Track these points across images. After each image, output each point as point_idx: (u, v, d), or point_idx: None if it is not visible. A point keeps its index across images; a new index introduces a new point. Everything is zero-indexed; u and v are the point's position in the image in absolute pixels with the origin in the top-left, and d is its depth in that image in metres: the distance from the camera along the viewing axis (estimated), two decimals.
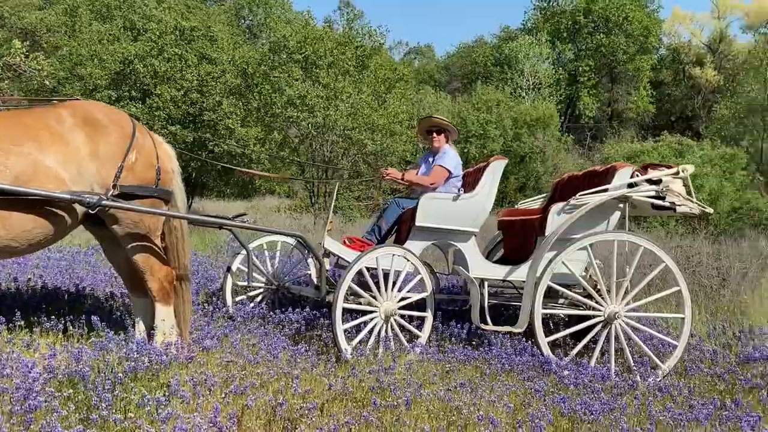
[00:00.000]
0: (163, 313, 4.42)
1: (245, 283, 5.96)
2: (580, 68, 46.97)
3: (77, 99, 4.36)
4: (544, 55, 44.72)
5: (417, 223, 5.17)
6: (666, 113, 51.46)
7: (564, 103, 45.28)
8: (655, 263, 6.08)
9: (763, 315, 6.95)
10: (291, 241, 6.27)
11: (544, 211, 5.89)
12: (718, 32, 52.36)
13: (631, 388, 4.16)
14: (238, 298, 5.97)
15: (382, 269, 4.87)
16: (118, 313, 5.07)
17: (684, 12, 53.89)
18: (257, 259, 5.99)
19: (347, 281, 4.69)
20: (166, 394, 3.39)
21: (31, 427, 3.03)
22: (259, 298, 6.12)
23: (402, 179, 5.80)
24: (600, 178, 5.49)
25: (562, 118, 40.27)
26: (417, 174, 6.01)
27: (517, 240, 5.77)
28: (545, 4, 50.30)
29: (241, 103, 17.90)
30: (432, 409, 3.63)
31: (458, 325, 5.29)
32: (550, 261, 4.92)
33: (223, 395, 3.59)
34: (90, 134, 4.01)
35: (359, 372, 4.01)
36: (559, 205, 5.20)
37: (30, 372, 3.42)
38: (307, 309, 5.49)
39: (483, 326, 4.96)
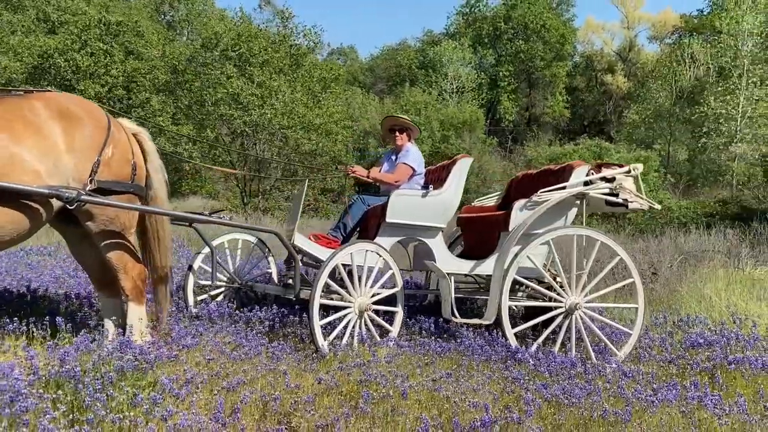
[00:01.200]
0: (138, 313, 4.32)
1: (206, 282, 5.87)
2: (501, 73, 48.38)
3: (49, 90, 4.17)
4: (467, 59, 45.78)
5: (387, 220, 5.25)
6: (580, 118, 53.81)
7: (485, 106, 46.49)
8: (603, 257, 6.44)
9: (694, 304, 7.45)
10: (252, 239, 6.22)
11: (506, 207, 6.12)
12: (628, 41, 55.29)
13: (600, 373, 4.40)
14: (199, 297, 5.86)
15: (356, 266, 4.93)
16: (80, 314, 4.89)
17: (597, 22, 56.48)
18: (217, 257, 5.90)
19: (323, 278, 4.71)
20: (159, 392, 3.33)
21: (23, 430, 2.92)
22: (220, 297, 6.03)
23: (367, 176, 5.87)
24: (555, 177, 5.74)
25: (486, 121, 41.37)
26: (380, 171, 6.10)
27: (478, 236, 5.95)
28: (467, 10, 51.46)
29: (171, 101, 17.42)
30: (421, 399, 3.73)
31: (426, 319, 5.41)
32: (516, 255, 5.12)
33: (215, 392, 3.55)
34: (66, 127, 3.87)
35: (346, 366, 4.06)
36: (522, 201, 5.42)
37: (11, 373, 3.28)
38: (275, 306, 5.45)
39: (454, 319, 5.09)
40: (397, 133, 6.04)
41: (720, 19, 34.65)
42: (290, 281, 5.57)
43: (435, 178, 6.01)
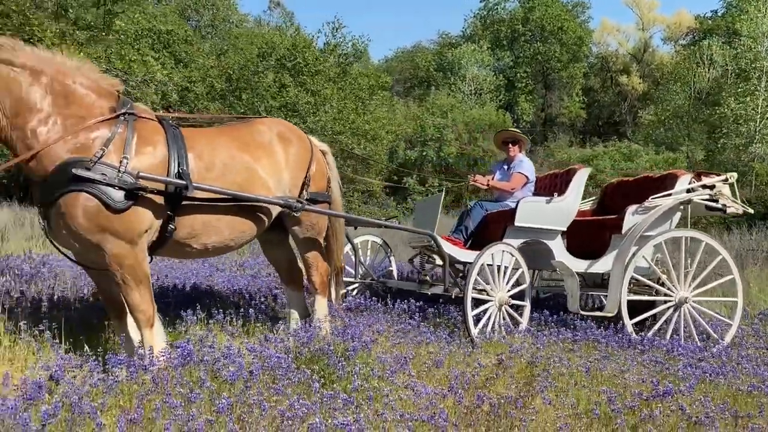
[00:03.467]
0: (324, 304, 5.03)
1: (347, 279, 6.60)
2: (518, 74, 49.03)
3: (265, 117, 4.89)
4: (486, 62, 46.42)
5: (516, 223, 5.92)
6: (595, 118, 54.39)
7: (503, 108, 47.14)
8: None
9: (764, 298, 8.13)
10: (378, 240, 6.95)
11: (604, 211, 6.80)
12: (643, 43, 55.84)
13: (728, 357, 5.07)
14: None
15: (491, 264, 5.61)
16: (263, 307, 5.60)
17: (612, 23, 57.00)
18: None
19: (474, 275, 5.40)
20: (382, 367, 4.02)
21: (304, 396, 3.61)
22: (354, 292, 6.74)
23: (487, 184, 6.55)
24: (657, 184, 6.43)
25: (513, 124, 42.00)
26: (493, 179, 6.77)
27: (586, 237, 6.57)
28: (485, 12, 52.07)
29: (226, 109, 18.18)
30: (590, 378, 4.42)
31: (547, 313, 6.11)
32: (633, 255, 5.81)
33: (423, 369, 4.25)
34: (284, 147, 4.58)
35: (514, 349, 4.75)
36: (633, 207, 6.09)
37: (269, 353, 3.99)
38: (412, 300, 6.14)
39: (580, 312, 5.79)
40: (510, 145, 6.73)
41: (740, 21, 35.19)
42: (425, 277, 6.28)
43: (545, 186, 6.71)
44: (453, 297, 5.89)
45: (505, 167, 6.80)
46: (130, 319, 4.21)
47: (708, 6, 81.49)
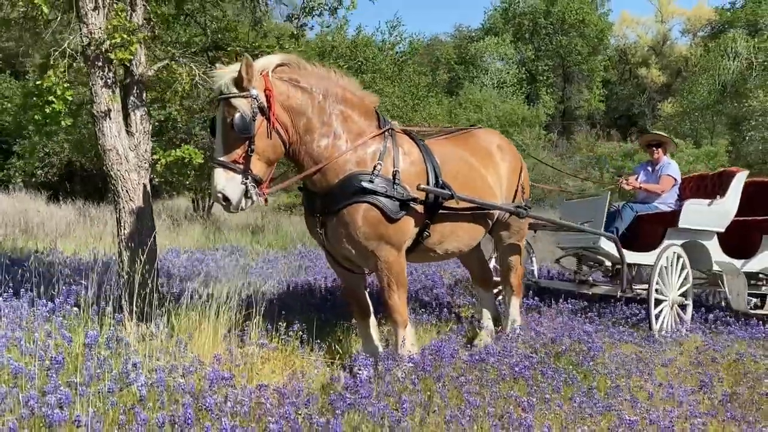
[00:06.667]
0: (518, 304, 5.25)
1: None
2: (540, 68, 49.10)
3: (480, 127, 5.09)
4: (509, 55, 46.49)
5: (680, 225, 6.11)
6: (613, 111, 54.48)
7: (524, 101, 47.20)
8: None
9: None
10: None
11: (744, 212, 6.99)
12: (662, 35, 55.85)
13: None
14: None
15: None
16: (451, 306, 5.84)
17: (631, 16, 57.06)
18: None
19: (656, 276, 5.60)
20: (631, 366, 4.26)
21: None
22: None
23: (639, 187, 6.75)
24: None
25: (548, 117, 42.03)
26: (637, 180, 6.95)
27: (737, 237, 6.67)
28: (507, 5, 52.04)
29: None
30: None
31: (702, 310, 6.32)
32: None
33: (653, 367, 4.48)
34: (502, 157, 4.79)
35: (707, 344, 4.98)
36: None
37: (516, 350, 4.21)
38: (572, 300, 6.34)
39: (748, 311, 6.00)
40: (654, 148, 6.93)
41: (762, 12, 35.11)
42: (584, 278, 6.50)
43: (692, 188, 6.92)
44: (618, 297, 6.11)
45: (650, 169, 6.99)
46: (372, 320, 4.44)
47: None
